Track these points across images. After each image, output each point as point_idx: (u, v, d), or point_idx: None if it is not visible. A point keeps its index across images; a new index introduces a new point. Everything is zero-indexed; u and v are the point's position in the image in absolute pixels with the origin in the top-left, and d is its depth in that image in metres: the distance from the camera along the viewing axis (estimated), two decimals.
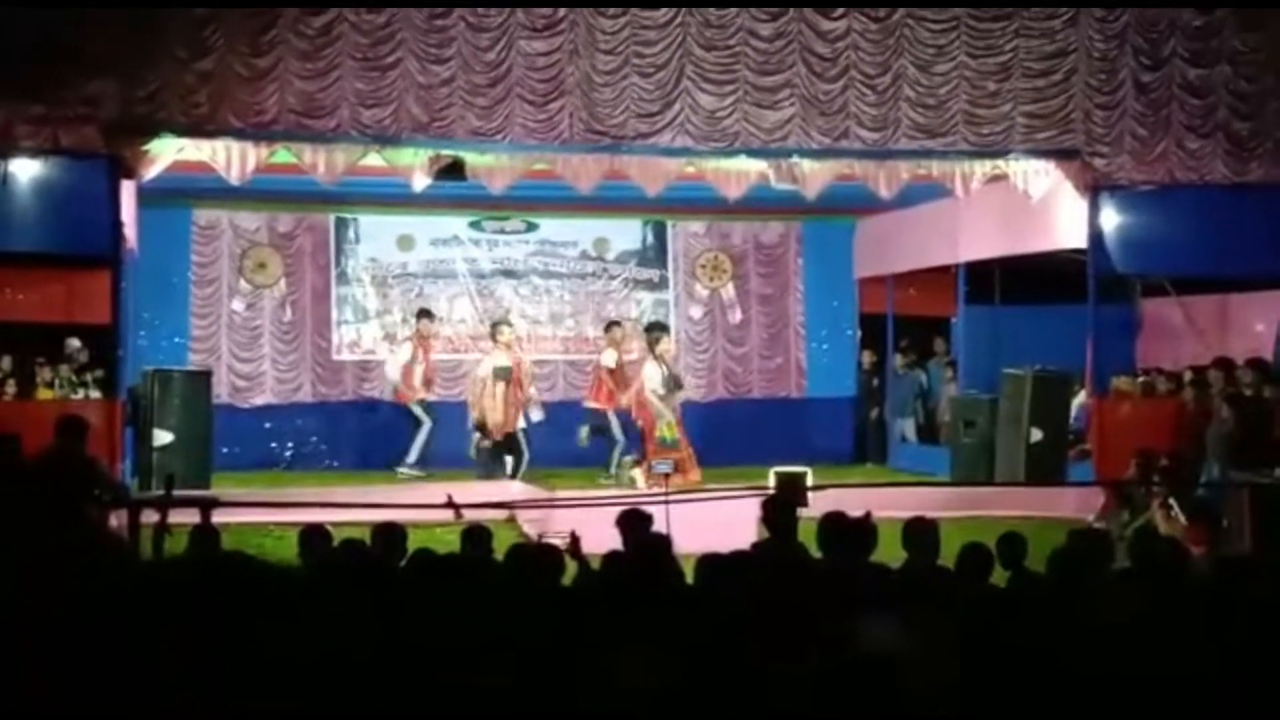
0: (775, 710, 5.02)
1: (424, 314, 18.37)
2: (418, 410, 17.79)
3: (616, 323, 18.19)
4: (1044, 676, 5.39)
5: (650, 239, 20.35)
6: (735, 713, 5.01)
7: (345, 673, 5.22)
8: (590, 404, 17.54)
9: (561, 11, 15.17)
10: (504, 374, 17.00)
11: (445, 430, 18.22)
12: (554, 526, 10.81)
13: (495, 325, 17.69)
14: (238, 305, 19.07)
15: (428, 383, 18.11)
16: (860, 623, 5.70)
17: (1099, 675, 5.36)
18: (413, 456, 17.63)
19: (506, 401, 16.98)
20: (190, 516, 9.00)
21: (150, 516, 9.26)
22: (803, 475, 12.77)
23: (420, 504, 11.35)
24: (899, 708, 4.64)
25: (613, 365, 17.40)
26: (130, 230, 15.25)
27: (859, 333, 20.89)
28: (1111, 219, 15.94)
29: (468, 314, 19.57)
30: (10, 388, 16.29)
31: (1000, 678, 5.41)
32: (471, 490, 14.02)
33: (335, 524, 8.16)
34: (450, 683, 5.19)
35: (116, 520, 10.27)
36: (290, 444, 18.96)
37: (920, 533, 7.37)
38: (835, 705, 4.75)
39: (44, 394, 16.40)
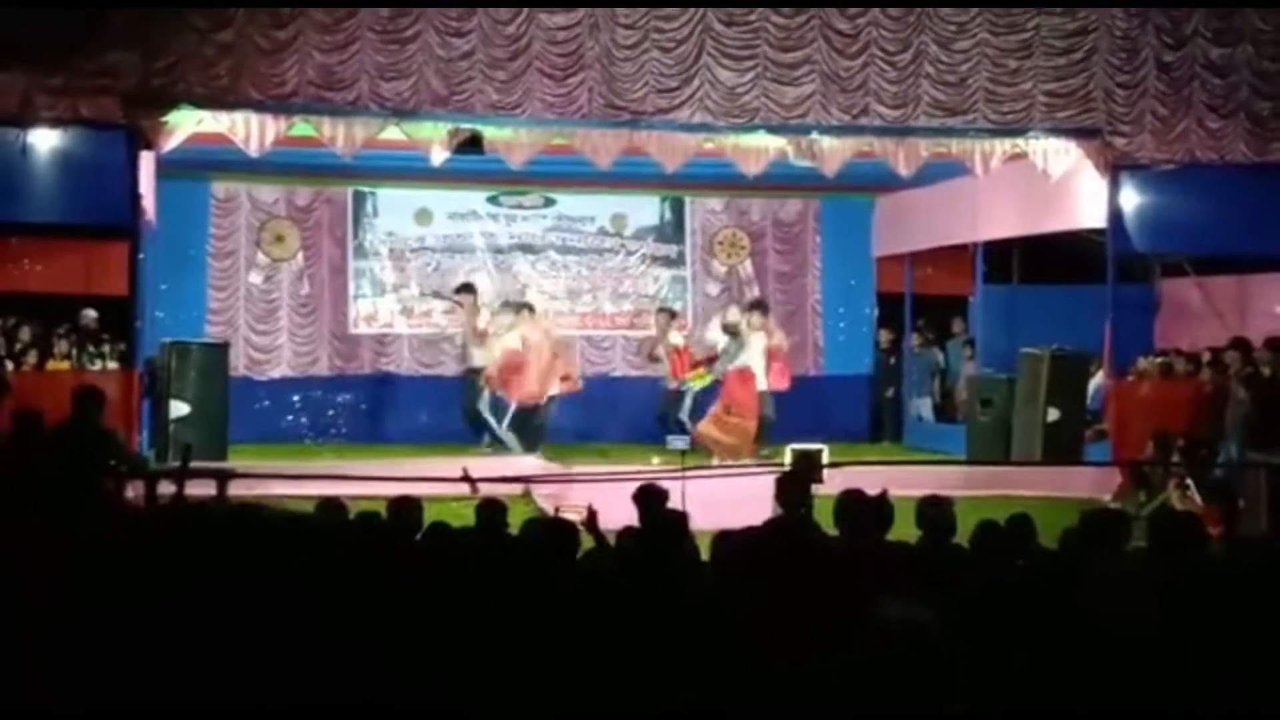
0: (788, 690, 5.02)
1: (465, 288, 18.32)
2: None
3: (669, 311, 18.67)
4: (1057, 655, 5.39)
5: (668, 215, 20.31)
6: (747, 691, 5.01)
7: (358, 644, 5.23)
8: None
9: None
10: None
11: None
12: (570, 501, 10.82)
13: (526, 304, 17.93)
14: (255, 278, 19.09)
15: None
16: (880, 601, 5.70)
17: (1112, 655, 5.35)
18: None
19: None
20: (207, 488, 9.02)
21: (167, 488, 9.29)
22: (819, 453, 12.78)
23: (436, 477, 11.36)
24: (914, 686, 4.64)
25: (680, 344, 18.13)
26: (149, 202, 15.27)
27: (876, 311, 20.84)
28: (1131, 198, 15.90)
29: (485, 288, 19.56)
30: (30, 358, 16.33)
31: (1015, 656, 5.41)
32: (487, 464, 14.06)
33: (351, 497, 8.17)
34: (462, 656, 5.20)
35: (133, 491, 10.30)
36: (306, 417, 19.00)
37: (935, 511, 7.35)
38: (851, 686, 4.75)
39: (59, 364, 16.43)
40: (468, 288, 18.09)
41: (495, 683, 5.04)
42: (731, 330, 17.25)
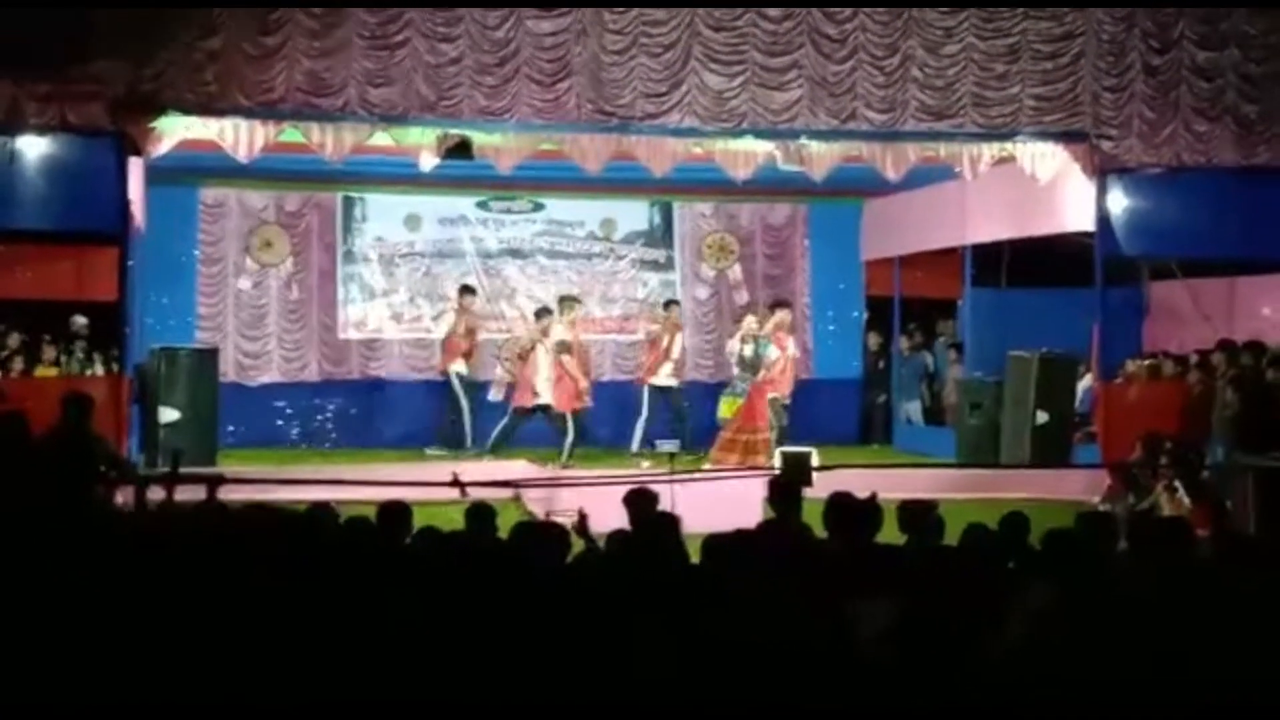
0: (777, 690, 5.03)
1: (466, 290, 18.52)
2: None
3: (674, 301, 18.65)
4: (1048, 657, 5.41)
5: (657, 220, 20.33)
6: (737, 693, 5.03)
7: (350, 649, 5.25)
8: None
9: None
10: (564, 348, 17.22)
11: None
12: (560, 505, 10.84)
13: (564, 300, 17.90)
14: (244, 284, 19.08)
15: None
16: (862, 605, 5.71)
17: (1099, 654, 5.38)
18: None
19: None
20: (196, 493, 9.01)
21: (156, 493, 9.29)
22: (808, 456, 12.81)
23: (426, 482, 11.36)
24: (896, 688, 4.66)
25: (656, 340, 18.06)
26: (138, 208, 15.25)
27: (865, 314, 20.88)
28: (1119, 202, 15.93)
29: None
30: (17, 364, 16.31)
31: (1001, 657, 5.43)
32: (477, 469, 14.07)
33: (341, 502, 8.16)
34: (454, 659, 5.21)
35: (122, 497, 10.30)
36: (296, 422, 18.98)
37: (917, 515, 7.37)
38: (837, 684, 4.77)
39: (48, 370, 16.42)
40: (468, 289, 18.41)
41: (486, 683, 5.05)
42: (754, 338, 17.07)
